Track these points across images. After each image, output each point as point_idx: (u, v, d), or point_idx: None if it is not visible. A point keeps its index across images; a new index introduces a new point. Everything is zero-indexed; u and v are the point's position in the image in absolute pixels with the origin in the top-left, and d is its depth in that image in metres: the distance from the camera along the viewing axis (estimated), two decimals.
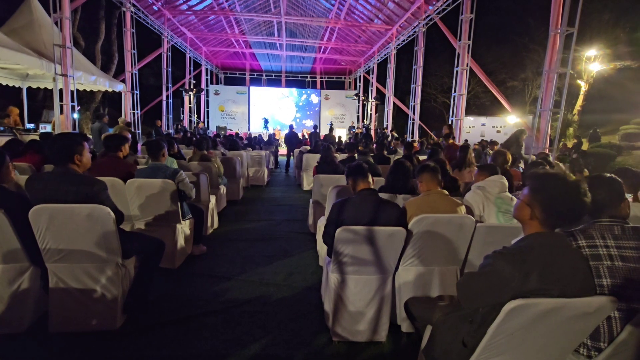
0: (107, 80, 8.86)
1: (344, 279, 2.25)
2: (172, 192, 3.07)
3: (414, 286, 2.31)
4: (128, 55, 10.80)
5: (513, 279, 1.24)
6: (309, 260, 3.62)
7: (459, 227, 2.22)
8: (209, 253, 3.71)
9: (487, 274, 1.32)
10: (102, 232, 2.16)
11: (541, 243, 1.29)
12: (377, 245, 2.13)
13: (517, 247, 1.33)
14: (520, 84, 21.74)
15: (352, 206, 2.27)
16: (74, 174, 2.17)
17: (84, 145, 2.22)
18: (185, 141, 8.72)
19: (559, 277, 1.24)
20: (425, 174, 2.42)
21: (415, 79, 11.90)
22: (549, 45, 6.31)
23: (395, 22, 12.85)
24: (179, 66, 17.56)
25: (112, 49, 16.63)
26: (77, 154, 2.18)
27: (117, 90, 9.54)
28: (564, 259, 1.27)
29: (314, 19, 15.61)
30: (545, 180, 1.33)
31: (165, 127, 13.87)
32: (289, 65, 21.78)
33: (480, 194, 2.62)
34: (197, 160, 5.02)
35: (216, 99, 20.62)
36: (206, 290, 2.90)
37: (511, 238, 1.46)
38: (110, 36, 16.67)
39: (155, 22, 12.72)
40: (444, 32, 10.18)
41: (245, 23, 16.67)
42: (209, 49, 18.79)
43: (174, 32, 14.53)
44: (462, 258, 2.36)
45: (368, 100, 16.89)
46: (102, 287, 2.27)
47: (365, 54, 18.06)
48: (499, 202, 2.56)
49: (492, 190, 2.62)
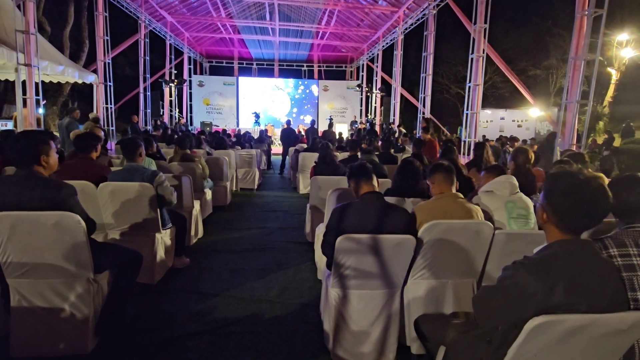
0: (76, 71, 8.85)
1: (345, 295, 2.25)
2: (150, 197, 3.07)
3: (424, 302, 2.31)
4: (100, 42, 10.80)
5: (536, 292, 1.24)
6: (306, 273, 3.62)
7: (475, 235, 2.23)
8: (193, 266, 3.71)
9: (507, 287, 1.32)
10: (71, 243, 2.15)
11: (567, 251, 1.29)
12: (383, 255, 2.14)
13: (539, 257, 1.33)
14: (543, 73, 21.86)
15: (355, 212, 2.27)
16: (39, 177, 2.17)
17: (50, 144, 2.21)
18: (165, 139, 8.72)
19: (588, 289, 1.24)
20: (438, 174, 2.43)
21: (425, 68, 11.94)
22: (575, 28, 6.35)
23: (402, 3, 12.90)
24: (158, 54, 17.56)
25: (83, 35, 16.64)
26: (43, 155, 2.18)
27: (88, 82, 9.53)
28: (593, 270, 1.27)
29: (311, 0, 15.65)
30: (556, 179, 1.35)
31: (142, 124, 13.86)
32: (282, 52, 21.82)
33: (487, 199, 2.60)
34: (179, 160, 5.02)
35: (200, 91, 20.64)
36: (189, 309, 2.90)
37: (535, 246, 1.47)
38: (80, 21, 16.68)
39: (131, 5, 12.75)
40: (457, 15, 10.22)
41: (233, 5, 16.69)
42: (192, 34, 18.81)
43: (153, 15, 14.55)
44: (479, 269, 2.36)
45: (372, 92, 16.93)
46: (71, 306, 2.26)
47: (369, 40, 18.12)
48: (510, 206, 2.53)
49: (501, 192, 2.59)
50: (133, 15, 13.25)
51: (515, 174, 3.36)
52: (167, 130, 11.34)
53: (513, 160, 3.59)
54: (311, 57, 22.88)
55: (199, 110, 20.61)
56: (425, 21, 12.08)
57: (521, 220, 2.50)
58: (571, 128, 6.48)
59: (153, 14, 14.50)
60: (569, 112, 6.54)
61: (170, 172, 4.43)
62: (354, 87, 19.57)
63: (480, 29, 8.69)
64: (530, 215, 2.52)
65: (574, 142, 6.54)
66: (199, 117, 20.08)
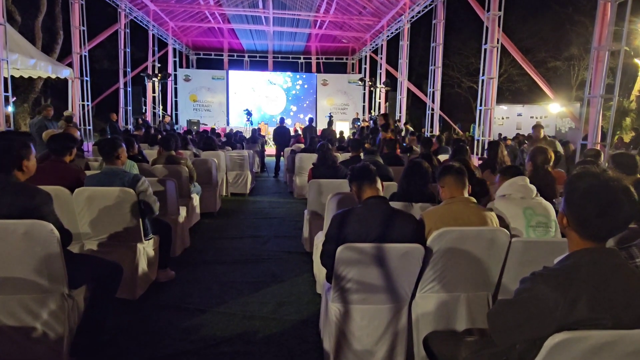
0: (49, 65, 8.88)
1: (347, 310, 2.25)
2: (132, 204, 3.07)
3: (435, 318, 2.31)
4: (76, 33, 10.84)
5: (557, 307, 1.24)
6: (304, 286, 3.61)
7: (489, 243, 2.23)
8: (178, 279, 3.70)
9: (525, 301, 1.33)
10: (43, 255, 2.15)
11: (590, 262, 1.30)
12: (389, 266, 2.14)
13: (560, 268, 1.33)
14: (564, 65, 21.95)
15: (357, 218, 2.28)
16: (13, 182, 2.18)
17: (31, 148, 2.25)
18: (148, 139, 8.73)
19: (613, 303, 1.24)
20: (448, 177, 2.44)
21: (434, 60, 12.00)
22: (598, 16, 6.39)
23: None
24: (140, 46, 17.64)
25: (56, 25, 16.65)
26: (24, 159, 2.20)
27: (63, 76, 9.56)
28: (619, 282, 1.27)
29: None
30: (575, 181, 1.35)
31: (122, 122, 13.89)
32: (277, 43, 21.92)
33: (503, 205, 2.58)
34: (163, 163, 5.02)
35: (187, 86, 20.69)
36: (175, 326, 2.89)
37: (556, 256, 1.47)
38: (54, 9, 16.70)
39: None
40: (469, 1, 10.28)
41: None
42: (178, 24, 18.88)
43: (133, 3, 14.61)
44: (494, 282, 2.37)
45: (376, 86, 16.99)
46: (44, 324, 2.26)
47: (372, 29, 18.20)
48: (529, 213, 2.51)
49: (516, 196, 2.57)
50: (112, 3, 13.30)
51: (534, 176, 3.38)
52: (150, 129, 11.35)
53: (531, 160, 3.60)
54: (309, 49, 22.97)
55: (185, 107, 20.65)
56: (433, 8, 12.15)
57: (541, 229, 2.48)
58: (595, 125, 6.52)
59: (134, 2, 14.57)
60: (592, 108, 6.58)
61: (154, 176, 4.43)
62: (356, 81, 19.64)
63: (494, 16, 8.74)
64: (551, 223, 2.51)
65: (598, 140, 6.57)
66: (185, 114, 20.12)
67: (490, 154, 4.73)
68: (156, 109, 16.93)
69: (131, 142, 4.86)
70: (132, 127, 13.24)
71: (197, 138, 9.46)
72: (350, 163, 5.13)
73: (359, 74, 21.64)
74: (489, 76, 8.99)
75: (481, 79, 9.13)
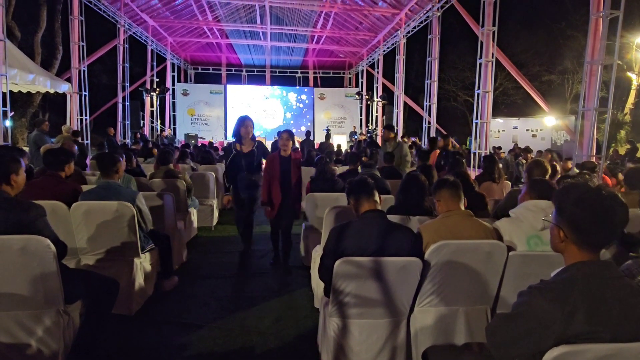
0: (48, 80, 8.92)
1: (345, 325, 2.24)
2: (129, 218, 3.07)
3: (433, 332, 2.30)
4: (75, 49, 10.91)
5: (554, 320, 1.25)
6: (302, 301, 3.59)
7: (487, 256, 2.23)
8: (175, 294, 3.68)
9: (523, 314, 1.33)
10: (39, 271, 2.14)
11: (586, 274, 1.31)
12: (387, 280, 2.13)
13: (557, 281, 1.34)
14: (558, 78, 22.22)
15: (355, 232, 2.28)
16: (5, 197, 2.17)
17: (20, 162, 2.25)
18: (145, 153, 8.74)
19: (611, 316, 1.25)
20: (443, 190, 2.45)
21: (430, 74, 12.14)
22: (590, 31, 6.50)
23: (403, 5, 13.20)
24: (139, 61, 17.76)
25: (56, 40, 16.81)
26: (12, 174, 2.20)
27: (61, 91, 9.59)
28: (616, 294, 1.28)
29: (305, 1, 15.95)
30: (566, 192, 1.40)
31: (120, 136, 13.91)
32: (274, 58, 22.13)
33: (508, 227, 2.43)
34: (161, 177, 5.02)
35: (185, 101, 20.79)
36: (171, 342, 2.86)
37: (554, 269, 1.48)
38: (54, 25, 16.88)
39: (109, 8, 12.95)
40: (464, 17, 10.45)
41: (221, 8, 16.99)
42: (176, 39, 19.07)
43: (133, 19, 14.77)
44: (492, 295, 2.36)
45: (373, 100, 17.13)
46: (39, 341, 2.23)
47: (369, 44, 18.43)
48: (534, 242, 2.32)
49: (528, 222, 2.36)
50: (111, 19, 13.44)
51: None
52: (148, 143, 11.37)
53: (527, 173, 3.62)
54: (306, 63, 23.21)
55: (183, 121, 20.72)
56: (429, 24, 12.33)
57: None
58: (590, 138, 6.57)
59: (133, 18, 14.72)
60: (587, 121, 6.65)
61: (152, 190, 4.43)
62: (353, 95, 19.81)
63: (489, 32, 8.88)
64: None
65: (593, 153, 6.62)
66: (183, 128, 20.18)
67: (486, 165, 4.76)
68: (154, 123, 16.98)
69: (129, 156, 4.88)
70: (129, 141, 13.26)
71: (195, 152, 9.47)
72: (348, 176, 5.14)
73: (356, 87, 21.83)
74: (485, 90, 9.08)
75: (476, 92, 9.22)
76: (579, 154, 6.68)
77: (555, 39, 21.18)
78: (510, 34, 20.09)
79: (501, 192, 4.55)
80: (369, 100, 17.58)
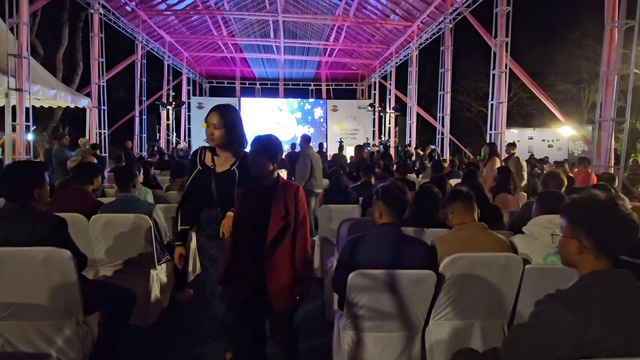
0: (69, 95, 9.18)
1: (360, 338, 2.23)
2: (146, 230, 3.12)
3: (449, 346, 2.27)
4: (95, 65, 11.24)
5: (572, 328, 1.25)
6: (315, 313, 3.58)
7: (503, 269, 2.21)
8: (190, 306, 3.70)
9: (540, 323, 1.34)
10: (60, 282, 2.19)
11: (602, 282, 1.33)
12: (401, 293, 2.13)
13: (573, 289, 1.36)
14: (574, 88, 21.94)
15: (369, 244, 2.27)
16: (29, 210, 2.24)
17: (44, 177, 2.32)
18: (161, 165, 8.89)
19: (626, 323, 1.25)
20: (457, 202, 2.44)
21: (442, 85, 12.13)
22: (606, 41, 6.44)
23: (415, 17, 13.28)
24: (155, 76, 18.18)
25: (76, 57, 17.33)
26: (37, 188, 2.27)
27: (81, 105, 9.86)
28: (632, 302, 1.28)
29: (318, 16, 16.20)
30: (581, 202, 1.42)
31: (137, 149, 14.18)
32: (288, 71, 22.41)
33: (523, 244, 2.39)
34: (177, 189, 5.10)
35: (199, 114, 21.10)
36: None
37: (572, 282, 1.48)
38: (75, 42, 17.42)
39: (128, 25, 13.33)
40: (477, 28, 10.46)
41: (235, 23, 17.36)
42: (192, 54, 19.48)
43: (150, 35, 15.16)
44: (509, 309, 2.33)
45: (385, 112, 17.16)
46: (58, 351, 2.27)
47: (381, 56, 18.54)
48: (551, 261, 2.30)
49: (540, 238, 2.32)
50: (130, 35, 13.82)
51: None
52: (164, 156, 11.57)
53: (543, 185, 3.58)
54: (319, 76, 23.42)
55: (198, 133, 21.00)
56: (441, 36, 12.36)
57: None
58: (607, 148, 6.46)
59: (151, 34, 15.12)
60: (604, 131, 6.54)
61: (168, 202, 4.50)
62: (366, 107, 19.87)
63: (502, 42, 8.86)
64: None
65: (611, 163, 6.50)
66: (197, 141, 20.45)
67: (500, 177, 4.71)
68: (170, 136, 17.27)
69: (146, 169, 4.97)
70: (145, 154, 13.51)
71: None
72: (361, 188, 5.15)
73: (369, 99, 21.90)
74: (498, 100, 9.03)
75: (490, 103, 9.18)
76: (596, 165, 6.56)
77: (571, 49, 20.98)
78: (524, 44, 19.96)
79: (517, 204, 4.49)
80: (381, 112, 17.60)
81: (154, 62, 17.42)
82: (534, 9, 21.81)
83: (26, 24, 7.67)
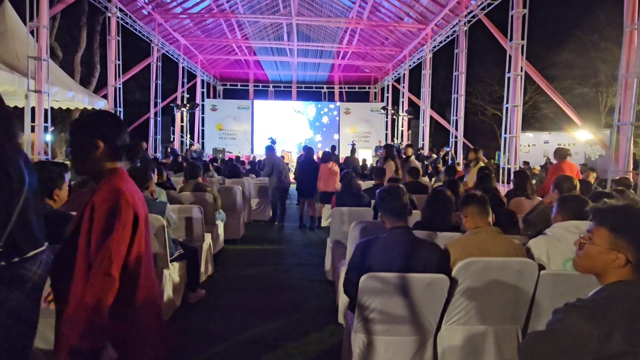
0: (86, 96, 9.35)
1: (371, 341, 2.21)
2: (158, 229, 3.16)
3: (461, 351, 2.24)
4: (112, 67, 11.44)
5: (591, 339, 1.22)
6: (327, 316, 3.58)
7: (517, 274, 2.18)
8: (202, 306, 3.73)
9: (557, 333, 1.30)
10: None
11: (626, 294, 1.27)
12: (413, 297, 2.11)
13: (594, 299, 1.31)
14: (591, 91, 21.56)
15: (381, 247, 2.27)
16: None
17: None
18: (174, 167, 8.99)
19: None
20: (470, 206, 2.42)
21: (456, 88, 12.03)
22: (625, 43, 6.32)
23: (429, 20, 13.21)
24: (170, 78, 18.42)
25: (94, 59, 17.65)
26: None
27: (98, 107, 10.01)
28: None
29: (331, 19, 16.24)
30: (628, 212, 1.35)
31: (152, 150, 14.37)
32: (301, 74, 22.49)
33: (541, 247, 2.36)
34: (190, 190, 5.15)
35: (213, 116, 21.32)
36: (198, 353, 2.90)
37: (590, 290, 1.43)
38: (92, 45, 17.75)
39: (144, 28, 13.54)
40: (491, 31, 10.36)
41: (249, 26, 17.49)
42: (206, 57, 19.70)
43: (166, 38, 15.38)
44: (523, 315, 2.29)
45: (398, 114, 17.08)
46: None
47: (394, 59, 18.49)
48: (570, 266, 2.15)
49: (564, 241, 2.27)
50: (146, 38, 14.05)
51: None
52: (178, 157, 11.70)
53: (556, 188, 3.51)
54: (332, 78, 23.44)
55: (212, 135, 21.21)
56: (455, 38, 12.28)
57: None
58: (626, 153, 6.33)
59: (166, 37, 15.35)
60: (622, 135, 6.41)
61: (181, 203, 4.55)
62: (379, 110, 19.80)
63: (517, 45, 8.75)
64: None
65: (629, 168, 6.36)
66: (211, 143, 20.65)
67: (517, 181, 4.63)
68: (184, 138, 17.46)
69: (160, 170, 5.03)
70: (160, 155, 13.67)
71: (223, 166, 9.66)
72: (374, 191, 5.13)
73: (382, 102, 21.84)
74: (513, 104, 8.91)
75: (505, 106, 9.06)
76: (614, 170, 6.43)
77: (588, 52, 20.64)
78: (540, 47, 19.71)
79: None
80: (394, 115, 17.53)
81: (169, 64, 17.66)
82: (551, 11, 21.51)
83: (46, 27, 7.86)
